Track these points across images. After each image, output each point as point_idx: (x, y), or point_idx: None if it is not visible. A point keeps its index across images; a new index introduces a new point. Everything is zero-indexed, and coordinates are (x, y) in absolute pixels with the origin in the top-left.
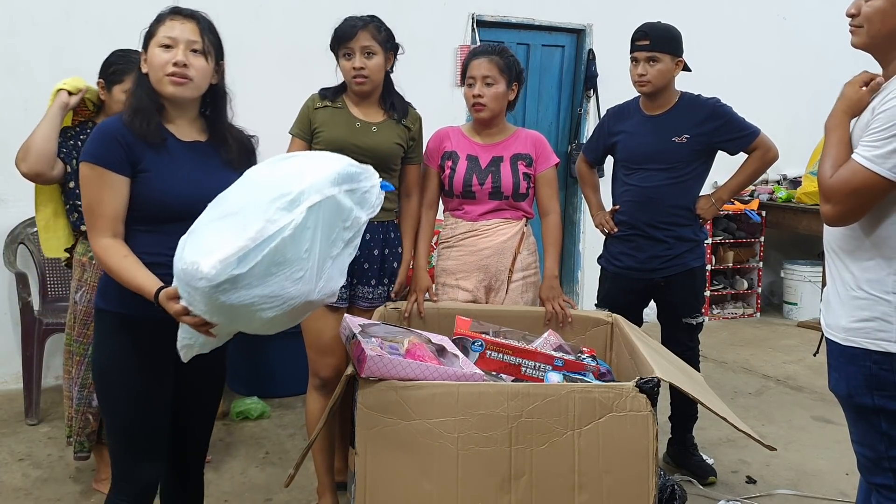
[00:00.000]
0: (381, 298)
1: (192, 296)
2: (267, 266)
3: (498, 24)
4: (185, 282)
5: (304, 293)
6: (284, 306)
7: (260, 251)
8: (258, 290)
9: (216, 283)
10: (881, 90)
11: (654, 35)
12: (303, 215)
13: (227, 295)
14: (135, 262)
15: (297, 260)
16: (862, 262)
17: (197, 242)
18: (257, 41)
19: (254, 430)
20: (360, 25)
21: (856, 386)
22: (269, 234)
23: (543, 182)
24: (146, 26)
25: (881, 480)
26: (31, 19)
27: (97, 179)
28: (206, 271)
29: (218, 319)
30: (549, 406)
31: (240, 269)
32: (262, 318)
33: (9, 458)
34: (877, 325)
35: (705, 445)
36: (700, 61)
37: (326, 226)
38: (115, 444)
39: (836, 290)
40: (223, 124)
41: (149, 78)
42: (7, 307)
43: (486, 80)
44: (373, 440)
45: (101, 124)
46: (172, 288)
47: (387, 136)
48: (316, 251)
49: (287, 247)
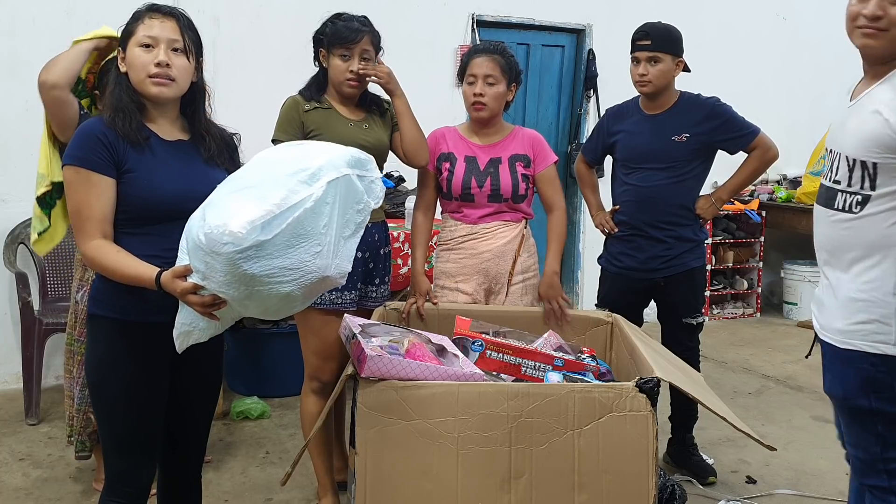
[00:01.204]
0: (383, 297)
1: (210, 265)
2: (289, 237)
3: (498, 24)
4: (206, 249)
5: (321, 268)
6: (302, 280)
7: (284, 219)
8: (279, 261)
9: (242, 247)
10: (865, 93)
11: (656, 35)
12: (322, 189)
13: (249, 263)
14: (128, 255)
15: (315, 234)
16: (860, 264)
17: (218, 209)
18: (257, 41)
19: (254, 429)
20: (365, 31)
21: (852, 388)
22: (292, 203)
23: (544, 181)
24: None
25: (875, 482)
26: (31, 19)
27: (83, 182)
28: (237, 230)
29: (234, 293)
30: (549, 406)
31: (264, 234)
32: (279, 293)
33: (9, 457)
34: (875, 328)
35: (705, 445)
36: (700, 61)
37: (342, 204)
38: (108, 447)
39: (831, 293)
40: (204, 122)
41: (128, 77)
42: (7, 307)
43: (488, 80)
44: (373, 440)
45: (83, 126)
46: (180, 266)
47: (378, 132)
48: (333, 227)
49: (307, 219)
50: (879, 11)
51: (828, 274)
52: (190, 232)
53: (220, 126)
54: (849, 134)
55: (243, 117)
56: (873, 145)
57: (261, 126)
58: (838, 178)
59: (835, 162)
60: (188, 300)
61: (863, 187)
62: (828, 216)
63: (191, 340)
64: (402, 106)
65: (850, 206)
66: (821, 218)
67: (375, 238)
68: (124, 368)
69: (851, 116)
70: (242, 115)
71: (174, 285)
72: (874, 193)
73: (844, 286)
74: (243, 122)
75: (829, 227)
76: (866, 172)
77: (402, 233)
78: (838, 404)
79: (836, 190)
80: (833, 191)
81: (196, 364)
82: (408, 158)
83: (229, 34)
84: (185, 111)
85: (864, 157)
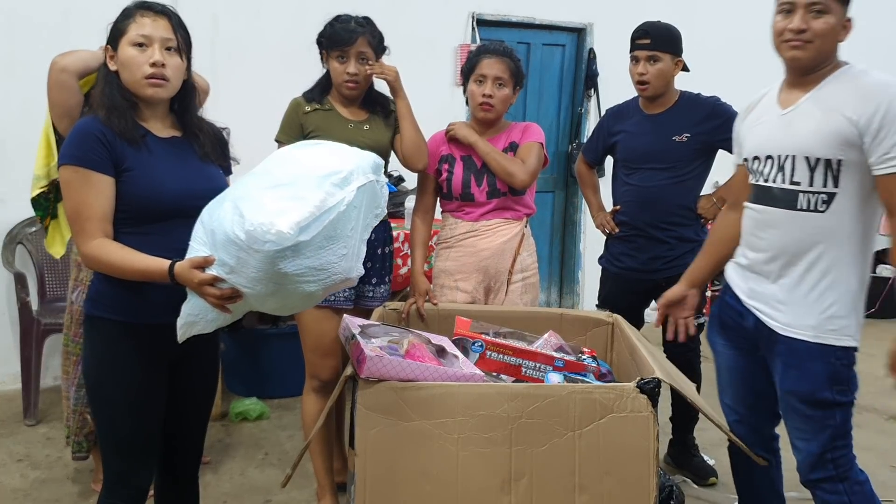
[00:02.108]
0: (382, 297)
1: (242, 261)
2: (322, 239)
3: (498, 23)
4: (243, 245)
5: (345, 270)
6: (327, 281)
7: (321, 222)
8: (310, 262)
9: (283, 246)
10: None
11: (655, 34)
12: (353, 193)
13: (285, 262)
14: (133, 251)
15: (344, 237)
16: (825, 261)
17: (257, 206)
18: (257, 41)
19: (253, 430)
20: (360, 32)
21: (819, 382)
22: (329, 206)
23: (520, 150)
24: (111, 21)
25: (822, 475)
26: (29, 19)
27: (82, 182)
28: (286, 230)
29: (261, 289)
30: (550, 407)
31: (304, 235)
32: (304, 292)
33: (7, 458)
34: (845, 322)
35: (706, 446)
36: (700, 61)
37: (367, 208)
38: (108, 448)
39: (797, 290)
40: (194, 118)
41: (118, 75)
42: (5, 307)
43: (498, 81)
44: (373, 441)
45: (78, 125)
46: (198, 256)
47: (380, 133)
48: (358, 231)
49: (340, 222)
50: (804, 25)
51: (791, 273)
52: (220, 226)
53: (209, 122)
54: (803, 136)
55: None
56: (837, 143)
57: (259, 124)
58: (796, 179)
59: (785, 165)
60: (205, 291)
61: (826, 185)
62: (790, 217)
63: (194, 331)
64: (405, 108)
65: (814, 205)
66: (781, 220)
67: (372, 238)
68: (124, 370)
69: (797, 122)
70: (241, 113)
71: (191, 275)
72: (838, 191)
73: (810, 283)
74: (242, 121)
75: (792, 227)
76: (829, 171)
77: (402, 233)
78: (800, 400)
79: (797, 191)
80: (793, 192)
81: (193, 365)
82: (406, 161)
83: (228, 33)
84: (174, 107)
85: (828, 155)
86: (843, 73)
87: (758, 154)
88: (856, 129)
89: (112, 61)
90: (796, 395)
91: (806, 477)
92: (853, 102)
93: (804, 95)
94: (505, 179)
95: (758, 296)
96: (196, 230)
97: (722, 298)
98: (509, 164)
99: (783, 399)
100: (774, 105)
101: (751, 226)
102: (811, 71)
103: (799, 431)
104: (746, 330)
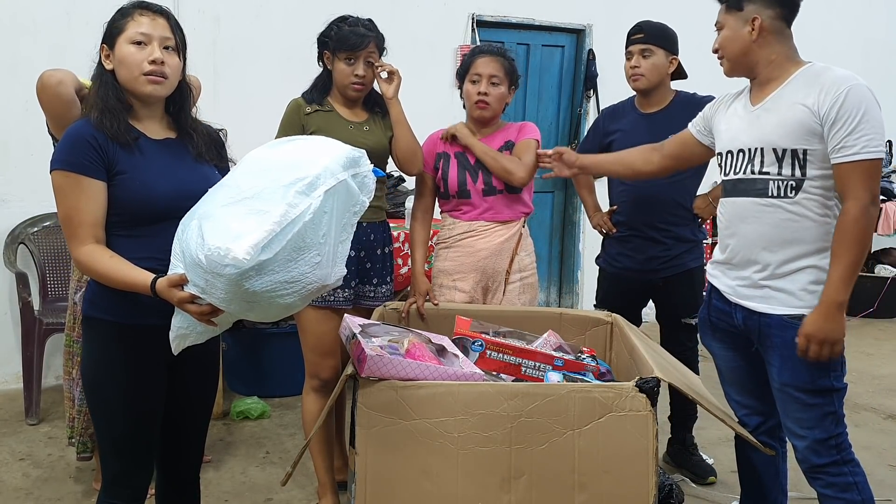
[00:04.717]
0: (384, 297)
1: (210, 283)
2: (290, 251)
3: (498, 24)
4: (206, 269)
5: (321, 278)
6: (303, 291)
7: (284, 236)
8: (280, 276)
9: (244, 269)
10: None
11: (649, 29)
12: (320, 199)
13: (251, 282)
14: (122, 261)
15: (315, 245)
16: (801, 244)
17: (218, 227)
18: (257, 41)
19: (254, 429)
20: (371, 36)
21: (818, 370)
22: (292, 219)
23: (517, 148)
24: (107, 20)
25: (827, 459)
26: (31, 19)
27: (73, 187)
28: (242, 256)
29: (234, 307)
30: (549, 406)
31: (265, 254)
32: (280, 305)
33: (9, 457)
34: None
35: (705, 445)
36: (700, 61)
37: (339, 210)
38: (105, 449)
39: (776, 273)
40: (189, 119)
41: (114, 76)
42: (7, 307)
43: (493, 80)
44: (373, 440)
45: (70, 129)
46: (175, 275)
47: (379, 134)
48: (332, 235)
49: (307, 231)
50: (716, 45)
51: (765, 259)
52: (188, 247)
53: (205, 123)
54: (770, 130)
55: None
56: (802, 133)
57: (260, 125)
58: (766, 169)
59: (755, 157)
60: (186, 308)
61: (793, 174)
62: (761, 205)
63: (187, 343)
64: (399, 113)
65: (784, 191)
66: (753, 209)
67: (371, 238)
68: (120, 371)
69: (764, 116)
70: (241, 113)
71: (170, 294)
72: (806, 178)
73: (787, 268)
74: (243, 121)
75: (763, 216)
76: (797, 160)
77: (402, 233)
78: (800, 390)
79: (767, 179)
80: (763, 181)
81: (193, 364)
82: (401, 166)
83: (229, 33)
84: (169, 109)
85: (794, 145)
86: (806, 69)
87: (730, 148)
88: (817, 118)
89: (108, 60)
90: (796, 385)
91: (811, 464)
92: (814, 94)
93: (772, 93)
94: (504, 178)
95: (740, 288)
96: (174, 246)
97: (708, 301)
98: (507, 162)
99: (781, 391)
100: (747, 102)
101: (725, 222)
102: (755, 76)
103: (800, 421)
104: (737, 327)
